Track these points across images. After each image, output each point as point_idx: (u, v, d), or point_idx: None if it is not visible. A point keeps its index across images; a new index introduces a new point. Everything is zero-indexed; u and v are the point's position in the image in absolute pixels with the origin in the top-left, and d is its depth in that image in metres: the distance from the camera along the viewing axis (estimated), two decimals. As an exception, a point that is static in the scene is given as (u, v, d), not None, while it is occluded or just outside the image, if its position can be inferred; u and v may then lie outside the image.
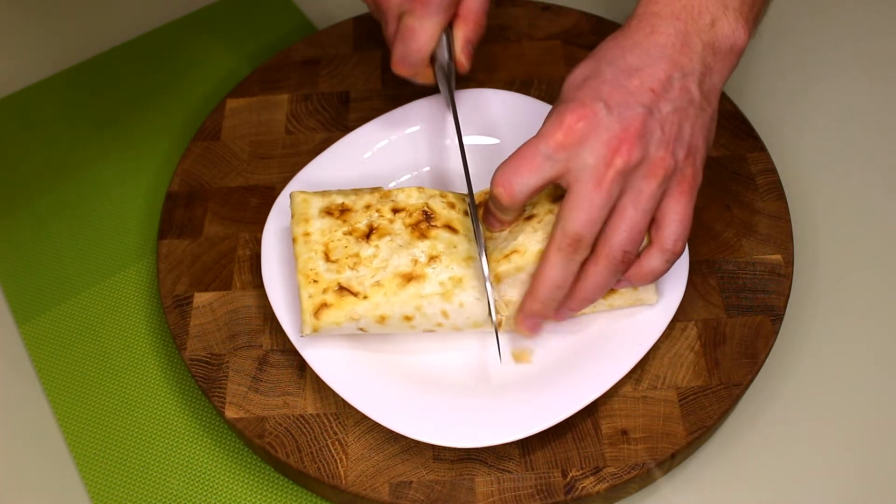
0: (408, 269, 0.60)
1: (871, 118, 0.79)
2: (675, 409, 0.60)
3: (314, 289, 0.60)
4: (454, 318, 0.60)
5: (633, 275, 0.58)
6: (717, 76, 0.58)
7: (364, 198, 0.63)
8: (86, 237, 0.75)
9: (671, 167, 0.55)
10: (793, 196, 0.72)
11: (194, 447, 0.64)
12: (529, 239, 0.59)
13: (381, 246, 0.61)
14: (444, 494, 0.58)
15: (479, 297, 0.59)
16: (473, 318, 0.60)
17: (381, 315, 0.59)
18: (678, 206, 0.56)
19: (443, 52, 0.68)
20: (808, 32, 0.85)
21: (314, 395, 0.62)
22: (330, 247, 0.61)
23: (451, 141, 0.73)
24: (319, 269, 0.60)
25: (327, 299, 0.59)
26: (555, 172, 0.55)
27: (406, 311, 0.59)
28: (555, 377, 0.60)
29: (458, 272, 0.59)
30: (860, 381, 0.65)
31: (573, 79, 0.57)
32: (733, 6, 0.57)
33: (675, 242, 0.57)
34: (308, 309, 0.59)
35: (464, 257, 0.60)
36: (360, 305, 0.59)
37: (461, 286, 0.59)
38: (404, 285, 0.59)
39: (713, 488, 0.61)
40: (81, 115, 0.83)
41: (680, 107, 0.56)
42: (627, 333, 0.61)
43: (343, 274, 0.60)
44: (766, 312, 0.64)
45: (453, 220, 0.62)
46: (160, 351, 0.68)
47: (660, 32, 0.57)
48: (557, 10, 0.83)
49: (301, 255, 0.61)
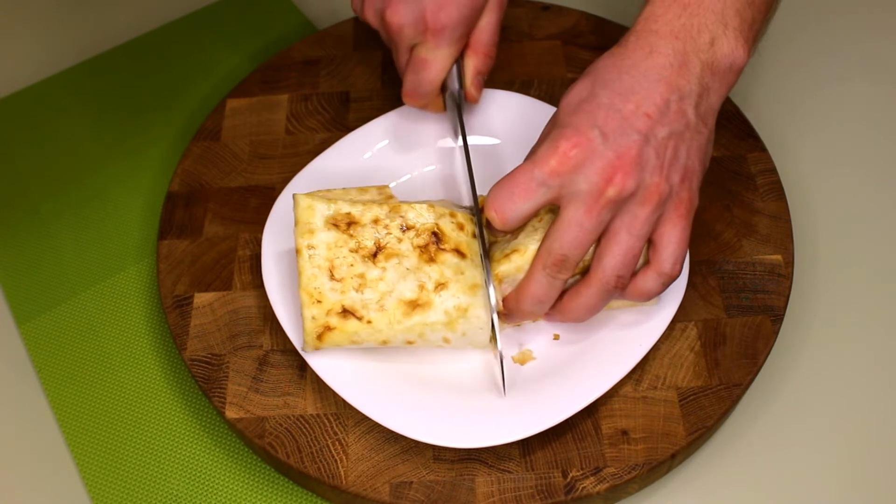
0: (414, 295, 0.59)
1: (871, 119, 0.79)
2: (675, 410, 0.60)
3: (318, 310, 0.58)
4: (455, 343, 0.60)
5: (628, 294, 0.58)
6: (715, 96, 0.57)
7: (372, 209, 0.61)
8: (86, 237, 0.75)
9: (666, 192, 0.55)
10: (793, 196, 0.72)
11: (194, 447, 0.64)
12: (529, 238, 0.59)
13: (388, 268, 0.59)
14: (445, 494, 0.58)
15: (482, 327, 0.59)
16: (475, 343, 0.60)
17: (384, 340, 0.59)
18: (675, 231, 0.56)
19: (453, 81, 0.68)
20: (809, 34, 0.85)
21: (314, 396, 0.62)
22: (335, 264, 0.59)
23: (451, 142, 0.73)
24: (323, 289, 0.59)
25: (330, 322, 0.58)
26: (548, 198, 0.55)
27: (408, 337, 0.59)
28: (555, 377, 0.60)
29: (464, 301, 0.59)
30: (860, 381, 0.65)
31: (568, 101, 0.57)
32: (733, 25, 0.57)
33: (673, 266, 0.57)
34: (311, 332, 0.59)
35: (470, 285, 0.59)
36: (363, 330, 0.58)
37: (465, 316, 0.59)
38: (409, 313, 0.59)
39: (713, 488, 0.61)
40: (82, 115, 0.83)
41: (676, 131, 0.55)
42: (627, 333, 0.61)
43: (347, 295, 0.59)
44: (766, 312, 0.64)
45: (462, 244, 0.60)
46: (160, 351, 0.68)
47: (658, 53, 0.56)
48: (557, 10, 0.83)
49: (305, 271, 0.59)
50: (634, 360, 0.60)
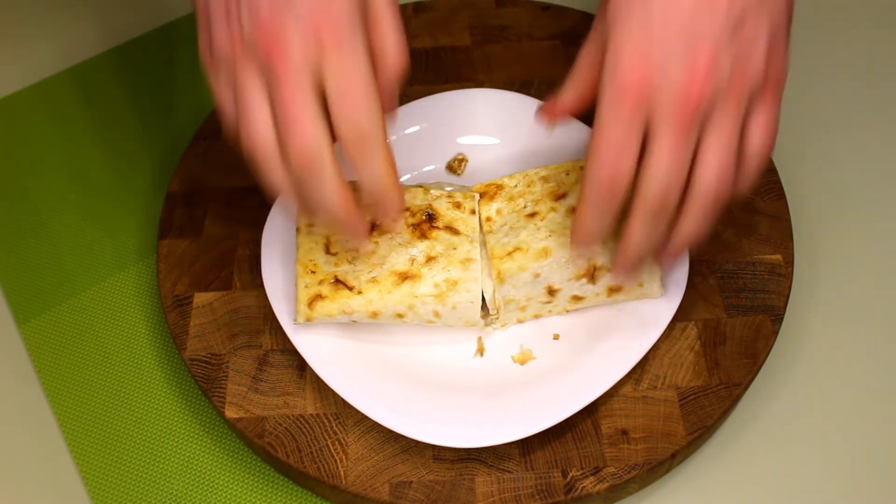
0: (404, 267, 0.60)
1: (872, 119, 0.79)
2: (675, 409, 0.60)
3: (311, 279, 0.60)
4: (446, 317, 0.60)
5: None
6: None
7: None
8: (86, 237, 0.75)
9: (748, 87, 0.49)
10: (793, 196, 0.72)
11: (194, 447, 0.64)
12: (532, 237, 0.60)
13: (380, 243, 0.61)
14: (444, 494, 0.58)
15: (473, 301, 0.60)
16: (465, 318, 0.60)
17: (374, 311, 0.60)
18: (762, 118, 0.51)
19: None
20: (809, 34, 0.85)
21: (314, 395, 0.62)
22: (332, 239, 0.61)
23: (451, 140, 0.73)
24: (318, 261, 0.61)
25: (322, 291, 0.60)
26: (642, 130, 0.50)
27: (399, 310, 0.60)
28: (555, 377, 0.60)
29: (454, 274, 0.60)
30: (860, 380, 0.65)
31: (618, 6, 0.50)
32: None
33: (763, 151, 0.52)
34: (303, 299, 0.60)
35: (462, 259, 0.60)
36: (353, 300, 0.59)
37: (455, 289, 0.59)
38: (399, 284, 0.59)
39: (713, 488, 0.61)
40: (81, 115, 0.83)
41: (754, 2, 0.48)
42: (627, 333, 0.61)
43: (340, 267, 0.60)
44: (766, 312, 0.64)
45: (456, 221, 0.62)
46: (160, 351, 0.68)
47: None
48: (557, 10, 0.83)
49: (302, 245, 0.61)
50: (634, 359, 0.60)
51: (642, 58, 0.48)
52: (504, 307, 0.62)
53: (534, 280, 0.60)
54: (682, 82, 0.48)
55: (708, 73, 0.48)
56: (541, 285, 0.61)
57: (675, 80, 0.48)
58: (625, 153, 0.50)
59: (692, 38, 0.48)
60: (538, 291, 0.61)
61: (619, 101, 0.49)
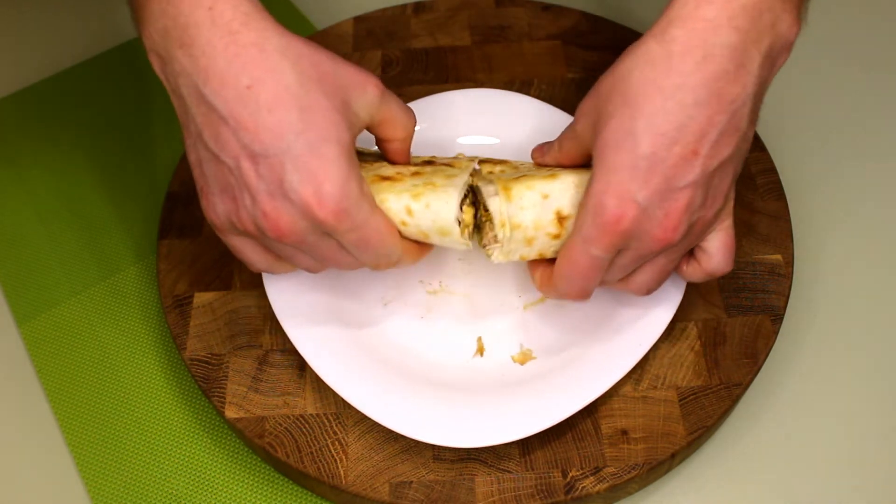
0: (390, 174, 0.59)
1: (871, 118, 0.79)
2: (675, 409, 0.60)
3: None
4: (418, 217, 0.57)
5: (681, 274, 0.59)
6: (768, 82, 0.51)
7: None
8: (86, 237, 0.75)
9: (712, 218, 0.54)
10: (793, 196, 0.72)
11: (194, 447, 0.64)
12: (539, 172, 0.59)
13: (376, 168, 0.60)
14: (444, 494, 0.58)
15: (448, 201, 0.56)
16: (438, 221, 0.57)
17: None
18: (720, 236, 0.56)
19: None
20: (809, 34, 0.85)
21: (314, 395, 0.62)
22: None
23: (451, 140, 0.73)
24: None
25: None
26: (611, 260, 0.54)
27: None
28: (555, 377, 0.60)
29: (436, 181, 0.58)
30: (860, 380, 0.65)
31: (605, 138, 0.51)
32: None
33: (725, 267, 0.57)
34: None
35: (448, 175, 0.59)
36: None
37: (433, 189, 0.57)
38: (379, 182, 0.58)
39: (713, 488, 0.61)
40: (81, 115, 0.83)
41: (727, 156, 0.51)
42: (627, 333, 0.61)
43: None
44: (766, 312, 0.64)
45: (453, 162, 0.62)
46: (160, 351, 0.68)
47: (712, 58, 0.48)
48: (557, 10, 0.83)
49: None
50: (634, 359, 0.60)
51: (628, 202, 0.51)
52: (511, 234, 0.58)
53: (542, 202, 0.57)
54: (660, 227, 0.51)
55: (680, 223, 0.51)
56: (550, 209, 0.57)
57: (655, 225, 0.51)
58: (597, 274, 0.54)
59: (672, 190, 0.50)
60: (547, 218, 0.57)
61: (603, 235, 0.52)
